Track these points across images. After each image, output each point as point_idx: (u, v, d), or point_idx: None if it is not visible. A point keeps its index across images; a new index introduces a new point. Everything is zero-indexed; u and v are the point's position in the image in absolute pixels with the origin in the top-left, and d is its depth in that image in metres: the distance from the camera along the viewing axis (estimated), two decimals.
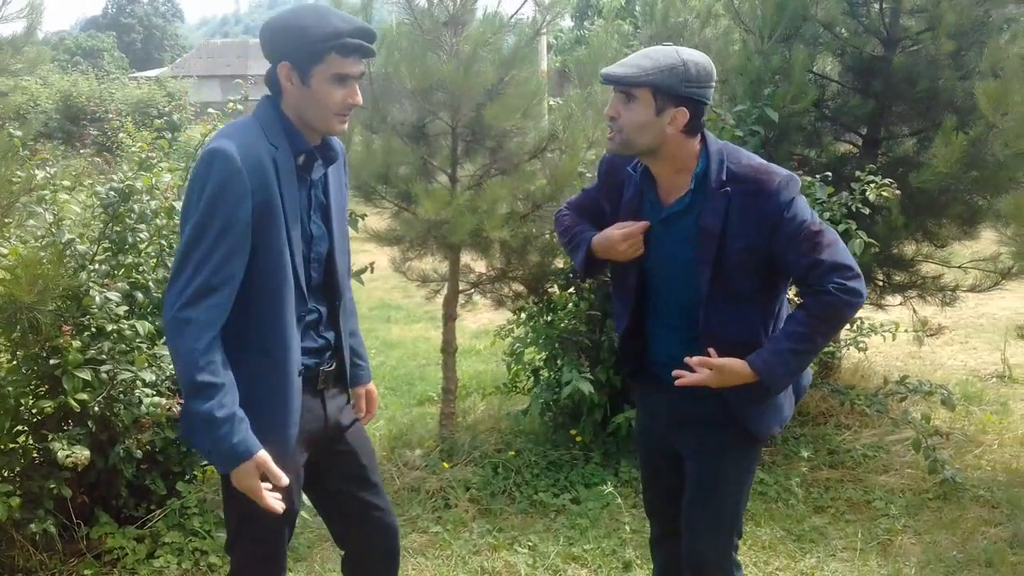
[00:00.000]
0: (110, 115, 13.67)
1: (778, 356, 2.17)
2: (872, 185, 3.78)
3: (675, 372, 2.22)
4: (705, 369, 2.19)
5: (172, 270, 2.00)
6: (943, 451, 4.17)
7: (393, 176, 3.66)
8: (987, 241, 4.94)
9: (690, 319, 2.26)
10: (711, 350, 2.21)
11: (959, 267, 4.88)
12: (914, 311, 5.00)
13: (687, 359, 2.21)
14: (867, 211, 3.75)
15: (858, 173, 3.87)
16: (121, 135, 7.37)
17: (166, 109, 16.85)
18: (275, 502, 2.01)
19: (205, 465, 3.82)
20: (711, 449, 2.36)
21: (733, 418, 2.30)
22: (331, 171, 2.20)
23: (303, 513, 3.35)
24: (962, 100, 4.07)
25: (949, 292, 4.74)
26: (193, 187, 1.99)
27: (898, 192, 3.76)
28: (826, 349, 4.17)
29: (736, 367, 2.18)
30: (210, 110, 3.54)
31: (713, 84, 2.15)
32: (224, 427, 1.94)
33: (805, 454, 4.26)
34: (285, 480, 2.02)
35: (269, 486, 2.01)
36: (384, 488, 2.45)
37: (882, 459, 4.36)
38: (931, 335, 4.98)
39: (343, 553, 2.47)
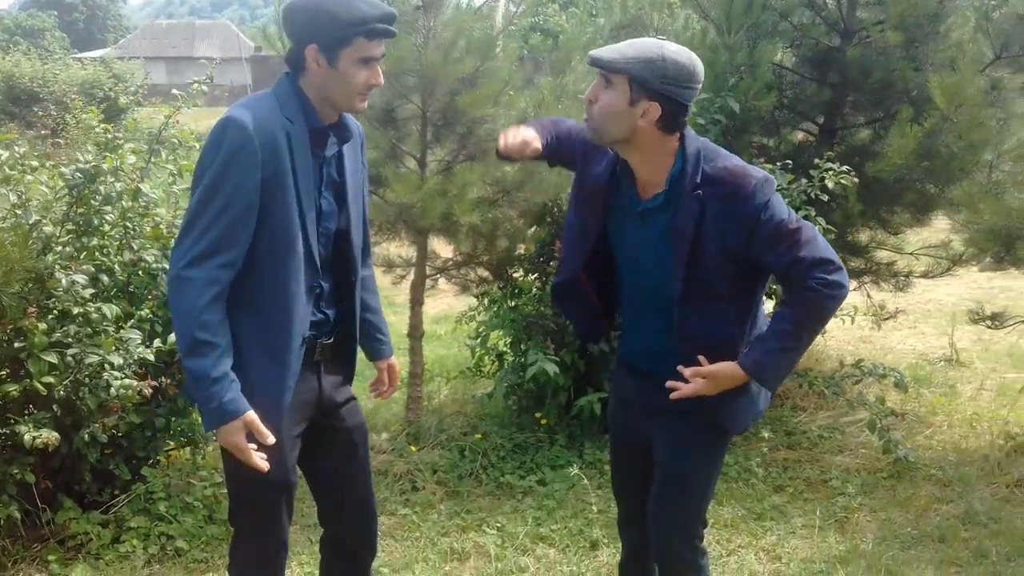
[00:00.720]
0: (61, 96, 13.31)
1: (768, 356, 2.18)
2: (830, 172, 3.88)
3: (669, 383, 2.23)
4: (699, 379, 2.21)
5: (179, 232, 2.07)
6: (896, 432, 4.31)
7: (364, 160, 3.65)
8: (936, 229, 5.10)
9: (666, 316, 2.26)
10: (701, 357, 2.21)
11: (911, 254, 5.03)
12: (868, 296, 5.14)
13: (680, 368, 2.21)
14: (825, 198, 3.84)
15: (817, 161, 3.97)
16: (68, 116, 7.22)
17: (112, 91, 16.47)
18: (261, 461, 2.07)
19: (170, 450, 3.79)
20: (682, 442, 2.37)
21: (705, 411, 2.30)
22: (347, 150, 2.24)
23: None
24: (916, 91, 4.19)
25: (902, 278, 4.89)
26: (206, 153, 2.05)
27: (856, 180, 3.86)
28: None
29: (728, 371, 2.20)
30: (174, 91, 3.48)
31: (695, 86, 2.12)
32: (215, 386, 2.01)
33: (765, 435, 4.37)
34: (271, 439, 2.08)
35: (255, 446, 2.07)
36: (368, 469, 2.47)
37: (838, 440, 4.49)
38: (887, 319, 5.13)
39: (323, 532, 2.49)
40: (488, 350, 4.53)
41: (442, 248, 4.33)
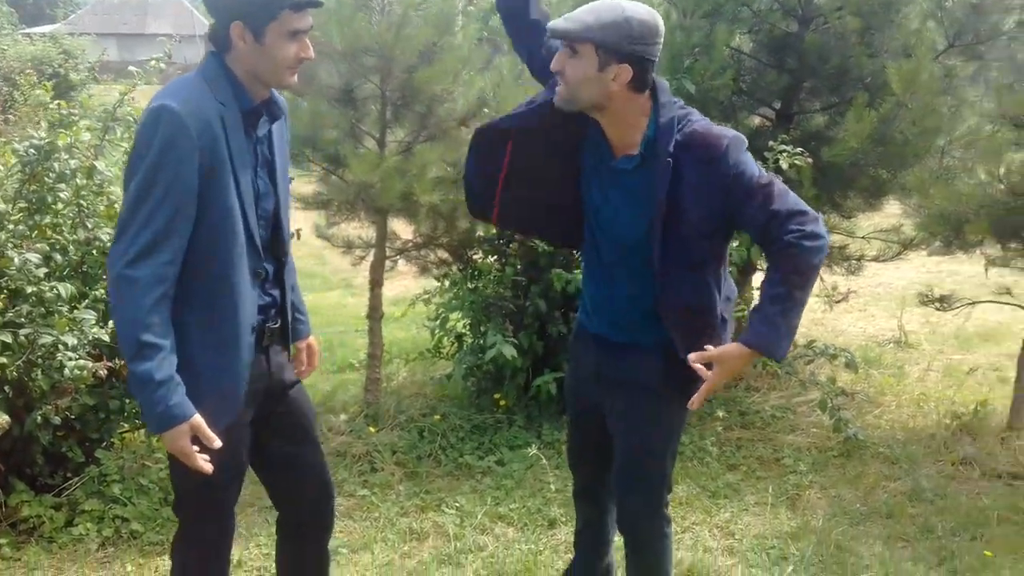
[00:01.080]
0: (10, 73, 12.94)
1: (771, 326, 2.12)
2: (785, 154, 3.94)
3: (694, 399, 2.18)
4: (704, 369, 2.14)
5: (117, 228, 1.97)
6: (846, 411, 4.41)
7: (320, 139, 3.62)
8: (887, 214, 5.20)
9: (639, 285, 2.26)
10: (709, 346, 2.16)
11: (863, 238, 5.13)
12: (821, 279, 5.23)
13: (690, 357, 2.15)
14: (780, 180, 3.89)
15: (771, 143, 4.02)
16: (16, 93, 7.02)
17: (61, 68, 16.06)
18: (206, 464, 2.02)
19: (124, 432, 3.75)
20: (641, 414, 2.38)
21: (664, 382, 2.31)
22: (275, 128, 2.18)
23: None
24: (871, 78, 4.26)
25: (854, 261, 4.99)
26: (139, 144, 1.95)
27: (810, 161, 3.92)
28: (737, 314, 4.35)
29: (735, 352, 2.15)
30: (131, 68, 3.41)
31: (659, 41, 2.12)
32: (161, 390, 1.94)
33: (720, 414, 4.44)
34: (218, 443, 2.03)
35: (197, 448, 2.02)
36: (322, 448, 2.46)
37: (790, 419, 4.59)
38: (839, 301, 5.24)
39: (279, 514, 2.47)
40: (447, 332, 4.54)
41: (402, 229, 4.31)
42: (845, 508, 3.76)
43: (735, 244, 3.86)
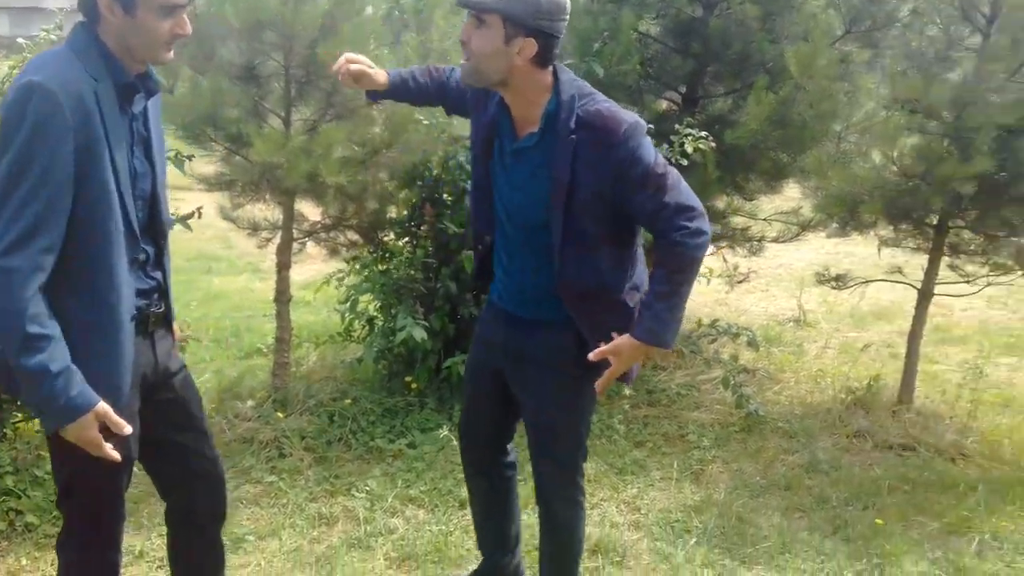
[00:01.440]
0: None
1: (658, 321, 2.22)
2: (690, 138, 4.02)
3: (598, 385, 2.32)
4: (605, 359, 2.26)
5: None
6: (748, 388, 4.54)
7: (222, 118, 3.51)
8: (787, 196, 5.37)
9: (542, 262, 2.29)
10: (608, 340, 2.26)
11: (764, 219, 5.28)
12: (725, 260, 5.38)
13: (589, 356, 2.26)
14: (685, 163, 3.97)
15: (677, 126, 4.10)
16: None
17: None
18: (113, 452, 1.96)
19: (17, 423, 3.58)
20: (551, 391, 2.42)
21: (572, 359, 2.35)
22: (151, 104, 2.09)
23: None
24: (772, 62, 4.37)
25: (756, 242, 5.13)
26: (8, 125, 1.82)
27: (713, 144, 4.01)
28: None
29: (628, 345, 2.25)
30: (20, 40, 3.24)
31: (565, 17, 2.13)
32: (59, 381, 1.85)
33: (627, 393, 4.53)
34: (128, 429, 1.96)
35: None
36: (213, 438, 2.40)
37: (695, 396, 4.71)
38: (740, 282, 5.38)
39: (166, 504, 2.41)
40: (358, 315, 4.48)
41: (310, 211, 4.23)
42: (746, 481, 3.89)
43: None
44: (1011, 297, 6.75)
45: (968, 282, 4.46)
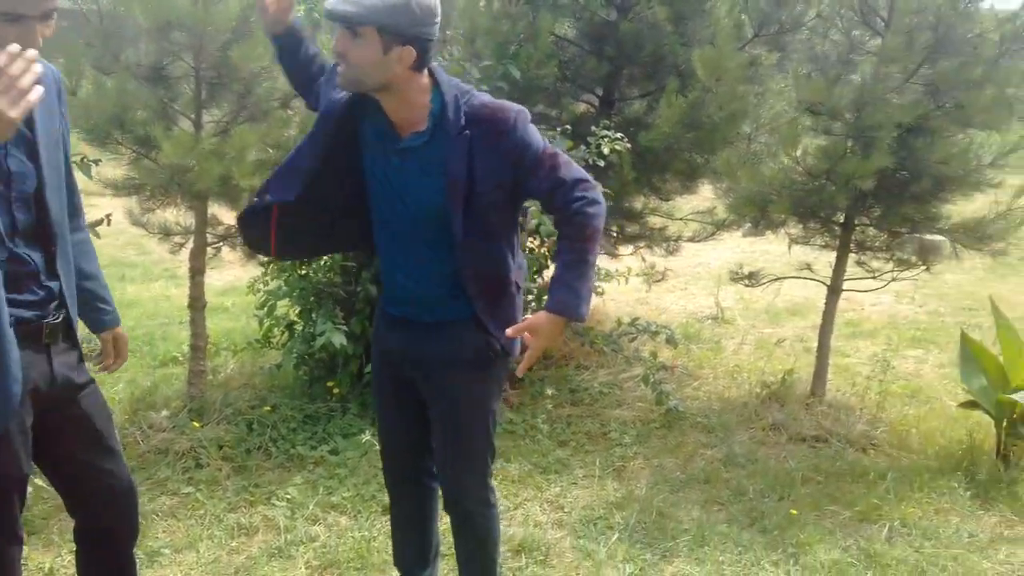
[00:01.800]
0: None
1: (570, 291, 2.26)
2: (606, 139, 4.08)
3: (519, 370, 2.32)
4: (524, 335, 2.26)
5: None
6: (668, 384, 4.63)
7: (129, 120, 3.41)
8: (703, 196, 5.49)
9: (443, 262, 2.29)
10: (527, 317, 2.29)
11: (681, 219, 5.39)
12: (643, 259, 5.47)
13: (507, 333, 2.26)
14: (602, 164, 4.03)
15: (593, 128, 4.15)
16: None
17: None
18: None
19: None
20: (462, 388, 2.42)
21: (476, 354, 2.38)
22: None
23: (37, 481, 3.12)
24: (684, 65, 4.46)
25: (672, 242, 5.23)
26: None
27: (628, 146, 4.08)
28: None
29: (544, 320, 2.26)
30: None
31: (438, 21, 2.14)
32: None
33: (550, 392, 4.56)
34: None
35: None
36: (123, 454, 2.32)
37: (616, 394, 4.77)
38: (657, 281, 5.48)
39: (75, 522, 2.33)
40: (277, 320, 4.42)
41: (225, 214, 4.14)
42: (666, 476, 3.96)
43: None
44: (917, 292, 7.03)
45: (875, 278, 4.62)
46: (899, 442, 4.32)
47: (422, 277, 2.36)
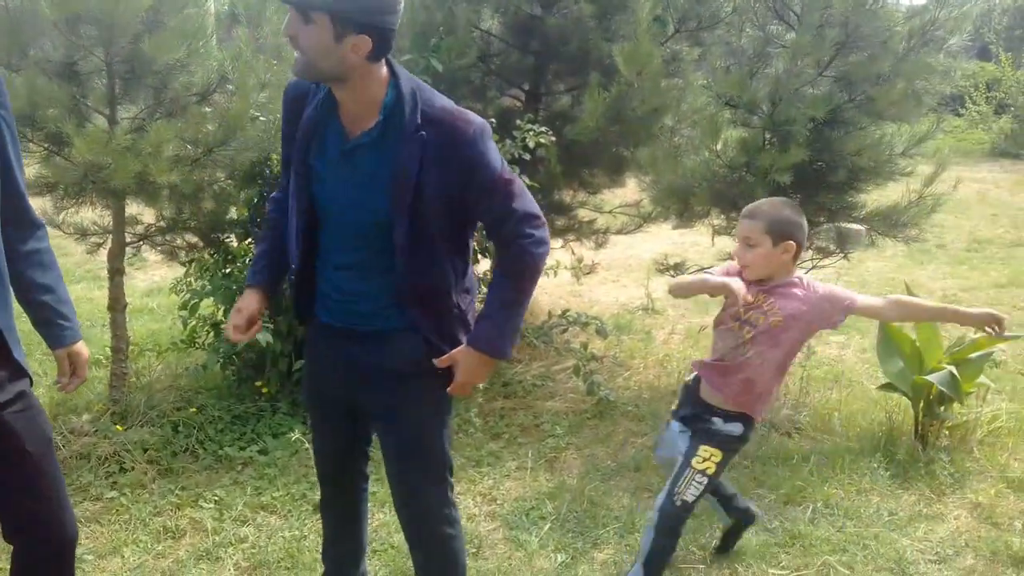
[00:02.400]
0: None
1: (496, 330, 2.19)
2: (531, 133, 4.10)
3: (449, 390, 2.26)
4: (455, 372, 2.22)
5: None
6: (599, 375, 4.67)
7: (40, 117, 3.31)
8: (631, 189, 5.56)
9: (382, 265, 2.16)
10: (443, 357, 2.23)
11: (609, 212, 5.45)
12: (572, 252, 5.52)
13: (435, 363, 2.21)
14: (528, 157, 4.06)
15: (519, 122, 4.17)
16: None
17: None
18: None
19: None
20: (409, 401, 2.29)
21: (424, 363, 2.24)
22: None
23: None
24: (608, 60, 4.51)
25: (601, 235, 5.29)
26: None
27: (554, 139, 4.11)
28: None
29: (466, 354, 2.21)
30: None
31: (398, 10, 2.03)
32: None
33: (482, 386, 4.58)
34: None
35: None
36: (58, 473, 2.19)
37: (549, 386, 4.81)
38: (587, 273, 5.53)
39: (12, 548, 2.21)
40: (203, 319, 4.34)
41: (144, 213, 4.05)
42: (598, 465, 4.01)
43: None
44: (839, 280, 7.22)
45: (797, 267, 4.72)
46: (822, 425, 4.44)
47: (363, 288, 2.22)
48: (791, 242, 2.76)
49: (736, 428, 2.90)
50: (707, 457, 2.86)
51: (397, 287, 2.18)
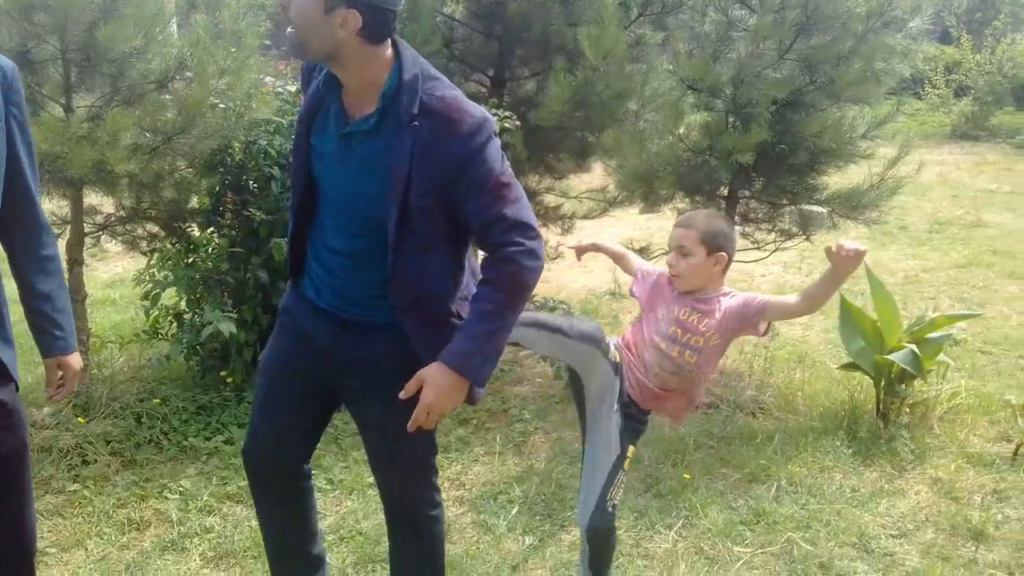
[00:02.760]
0: None
1: (473, 343, 1.97)
2: (496, 118, 4.09)
3: (409, 425, 2.00)
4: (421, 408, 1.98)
5: None
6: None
7: None
8: (596, 174, 5.57)
9: (373, 259, 2.04)
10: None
11: (575, 198, 5.46)
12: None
13: (401, 394, 2.00)
14: None
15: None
16: None
17: None
18: None
19: None
20: (393, 394, 2.08)
21: (412, 359, 2.08)
22: None
23: None
24: (572, 45, 4.51)
25: (568, 220, 5.30)
26: None
27: (519, 124, 4.11)
28: None
29: (435, 372, 1.97)
30: None
31: None
32: None
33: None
34: None
35: None
36: (29, 483, 2.15)
37: (516, 371, 4.83)
38: (554, 259, 5.54)
39: None
40: (166, 310, 4.30)
41: (104, 203, 3.99)
42: (565, 449, 4.03)
43: None
44: (803, 261, 7.31)
45: (759, 248, 4.78)
46: (785, 405, 4.49)
47: (349, 274, 2.12)
48: (723, 254, 2.71)
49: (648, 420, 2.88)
50: (630, 456, 2.77)
51: (389, 284, 2.04)
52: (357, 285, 2.12)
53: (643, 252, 4.77)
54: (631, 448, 2.77)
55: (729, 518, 3.46)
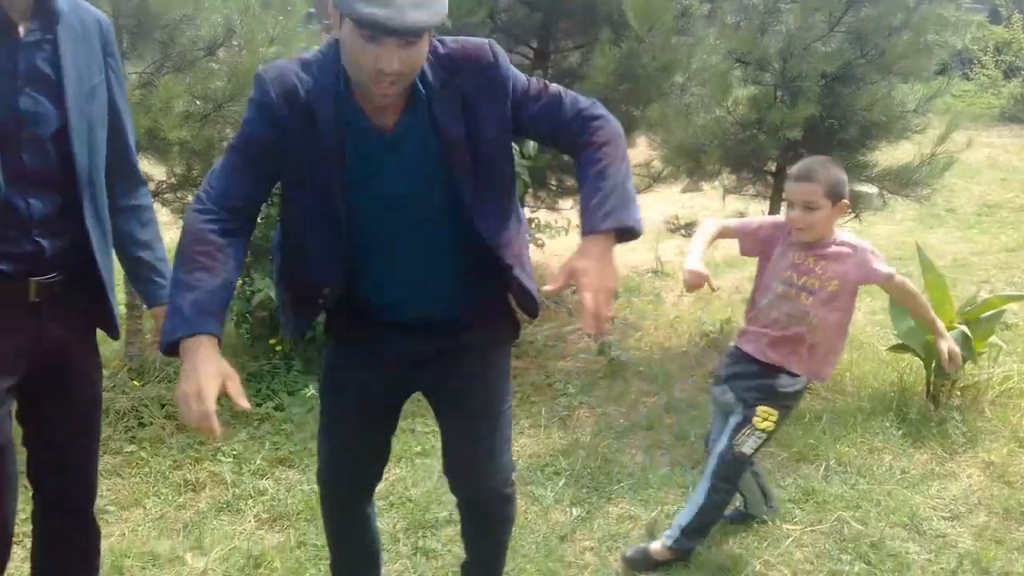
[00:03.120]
0: None
1: (618, 199, 1.86)
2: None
3: (591, 327, 1.86)
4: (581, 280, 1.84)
5: None
6: (610, 336, 4.70)
7: None
8: (639, 149, 5.53)
9: (455, 245, 2.01)
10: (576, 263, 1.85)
11: None
12: (568, 219, 5.50)
13: (548, 288, 1.88)
14: None
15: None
16: None
17: None
18: None
19: None
20: (471, 376, 2.13)
21: (499, 329, 2.14)
22: (68, 40, 1.86)
23: None
24: (617, 16, 4.46)
25: None
26: None
27: None
28: None
29: (595, 247, 1.85)
30: None
31: None
32: None
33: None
34: None
35: None
36: (95, 438, 2.22)
37: (561, 347, 4.83)
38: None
39: (33, 498, 2.22)
40: None
41: (153, 170, 4.05)
42: (610, 423, 4.03)
43: None
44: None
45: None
46: (834, 385, 4.44)
47: (435, 275, 2.04)
48: (845, 201, 2.78)
49: (799, 383, 2.90)
50: (766, 417, 2.85)
51: (490, 252, 1.99)
52: (446, 279, 2.05)
53: (688, 228, 4.74)
54: (764, 409, 2.86)
55: (778, 495, 3.43)
